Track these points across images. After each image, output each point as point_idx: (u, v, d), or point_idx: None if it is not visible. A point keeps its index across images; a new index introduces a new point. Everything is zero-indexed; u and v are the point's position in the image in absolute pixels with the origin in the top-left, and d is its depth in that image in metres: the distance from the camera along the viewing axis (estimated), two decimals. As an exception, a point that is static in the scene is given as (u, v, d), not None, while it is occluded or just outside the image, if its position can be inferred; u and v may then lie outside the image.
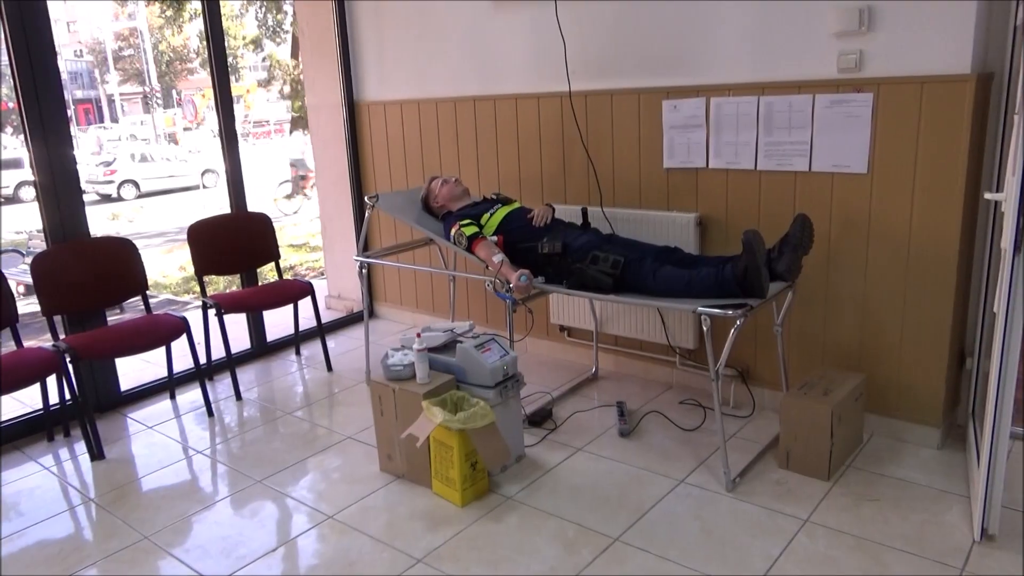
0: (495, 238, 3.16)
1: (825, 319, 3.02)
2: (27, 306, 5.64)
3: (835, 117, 2.81)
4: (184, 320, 3.39)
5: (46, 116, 3.28)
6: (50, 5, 3.27)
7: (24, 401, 3.67)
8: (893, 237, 2.78)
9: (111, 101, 27.58)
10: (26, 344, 3.20)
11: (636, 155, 3.39)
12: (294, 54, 14.90)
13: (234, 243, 3.95)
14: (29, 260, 5.43)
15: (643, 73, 3.29)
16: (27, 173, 10.46)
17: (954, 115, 2.57)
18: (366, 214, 3.57)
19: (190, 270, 3.85)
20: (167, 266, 9.11)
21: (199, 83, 22.67)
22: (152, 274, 8.53)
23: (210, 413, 3.54)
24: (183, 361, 3.84)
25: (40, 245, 3.24)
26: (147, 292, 3.57)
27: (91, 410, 3.32)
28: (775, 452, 2.83)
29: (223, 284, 7.70)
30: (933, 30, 2.56)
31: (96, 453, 3.16)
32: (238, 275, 4.15)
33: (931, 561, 2.21)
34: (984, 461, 2.22)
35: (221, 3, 3.98)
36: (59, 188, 3.34)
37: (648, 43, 3.24)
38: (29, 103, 3.23)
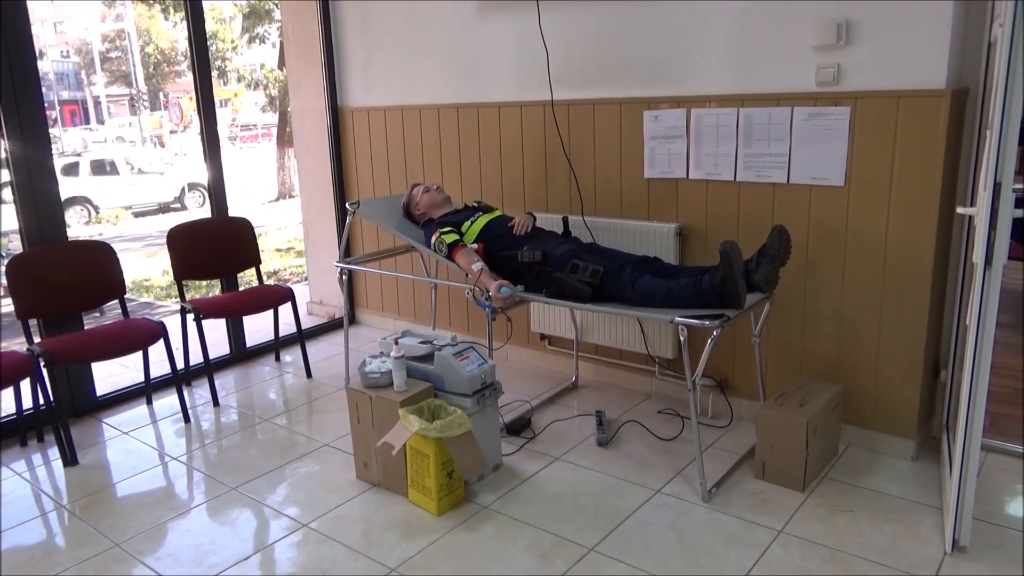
0: (475, 246, 3.15)
1: (802, 330, 3.04)
2: (6, 307, 5.57)
3: (813, 130, 2.83)
4: (162, 325, 3.36)
5: (24, 116, 3.24)
6: (36, 5, 3.25)
7: (-2, 405, 3.63)
8: (869, 249, 2.80)
9: (97, 102, 27.40)
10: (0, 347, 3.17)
11: (617, 165, 3.41)
12: (281, 63, 14.87)
13: (214, 248, 3.92)
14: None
15: (625, 83, 3.31)
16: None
17: (929, 129, 2.59)
18: (348, 220, 3.56)
19: (172, 274, 3.81)
20: (151, 269, 9.04)
21: (186, 86, 22.57)
22: (135, 277, 8.46)
23: (187, 419, 3.51)
24: (160, 366, 3.80)
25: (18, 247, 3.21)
26: (126, 296, 3.54)
27: (66, 415, 3.28)
28: (751, 463, 2.84)
29: (204, 289, 7.65)
30: (909, 45, 2.59)
31: (70, 459, 3.12)
32: (218, 280, 4.13)
33: (903, 573, 2.22)
34: (956, 473, 2.23)
35: (205, 4, 3.97)
36: (36, 189, 3.31)
37: (630, 54, 3.26)
38: (7, 103, 3.20)
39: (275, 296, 3.88)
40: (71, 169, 13.49)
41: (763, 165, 2.98)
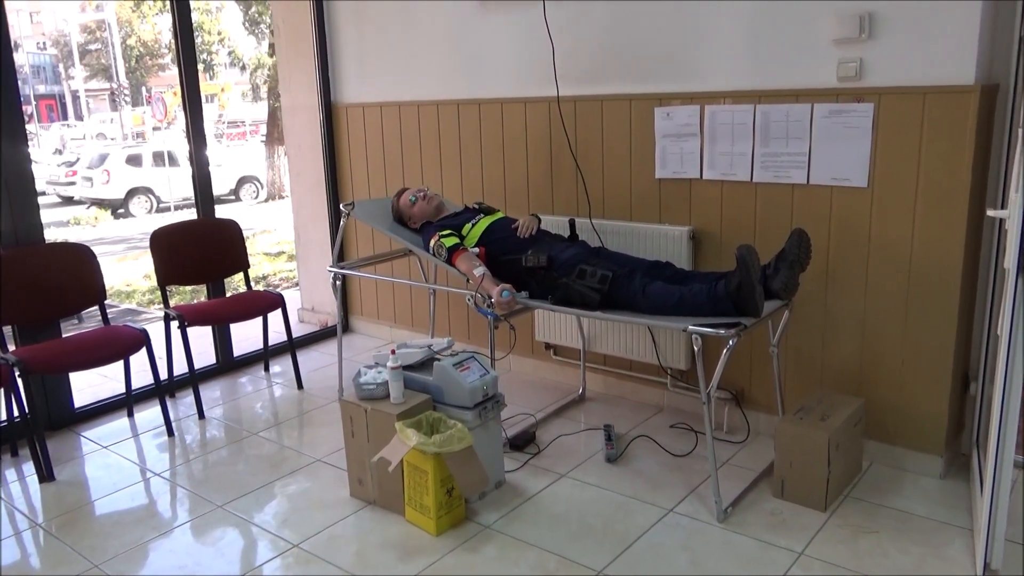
0: (476, 250, 3.16)
1: (823, 340, 3.04)
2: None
3: (834, 128, 2.83)
4: (144, 332, 3.37)
5: None
6: (8, -5, 3.27)
7: (-30, 417, 3.63)
8: (894, 254, 2.81)
9: (76, 97, 27.50)
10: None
11: (627, 165, 3.41)
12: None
13: (200, 251, 3.93)
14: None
15: (635, 79, 3.32)
16: None
17: (957, 127, 2.60)
18: (342, 222, 3.57)
19: (155, 279, 3.82)
20: (133, 274, 9.06)
21: (170, 80, 22.64)
22: (116, 283, 8.47)
23: (170, 433, 3.51)
24: (142, 376, 3.81)
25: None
26: (106, 302, 3.55)
27: (42, 428, 3.28)
28: (770, 480, 2.84)
29: (189, 295, 7.67)
30: (936, 39, 2.59)
31: (45, 474, 3.13)
32: (204, 285, 4.14)
33: (931, 598, 2.21)
34: (987, 492, 2.23)
35: (191, -3, 3.99)
36: (12, 189, 3.33)
37: (640, 47, 3.27)
38: (-18, 100, 3.22)
39: (264, 303, 3.88)
40: (135, 160, 14.53)
41: (781, 165, 2.99)
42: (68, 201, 15.31)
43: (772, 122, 2.98)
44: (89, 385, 4.03)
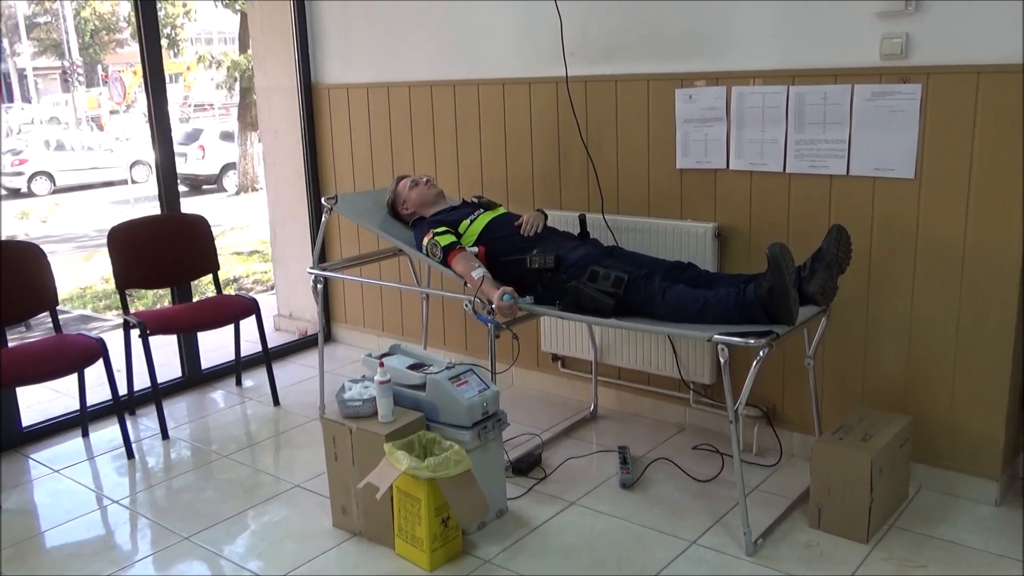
0: (475, 249, 3.17)
1: (865, 350, 3.05)
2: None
3: (877, 112, 2.85)
4: (101, 342, 3.38)
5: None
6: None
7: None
8: (945, 254, 2.82)
9: (23, 77, 27.53)
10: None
11: (644, 153, 3.43)
12: (243, 46, 14.95)
13: (164, 250, 3.95)
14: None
15: (653, 56, 3.33)
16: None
17: (1016, 110, 2.61)
18: (323, 218, 3.58)
19: (113, 281, 3.84)
20: (88, 275, 9.08)
21: (129, 58, 22.68)
22: (69, 285, 8.50)
23: (130, 455, 3.53)
24: (99, 391, 3.82)
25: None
26: (58, 307, 3.56)
27: (-14, 450, 3.30)
28: (805, 508, 2.84)
29: (151, 299, 7.68)
30: (991, 12, 2.60)
31: (-9, 502, 3.14)
32: (168, 289, 4.15)
33: (987, 641, 2.22)
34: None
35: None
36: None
37: (660, 21, 3.28)
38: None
39: (236, 308, 3.89)
40: (227, 136, 15.89)
41: (818, 153, 3.00)
42: (15, 194, 15.36)
43: (807, 105, 2.99)
44: (39, 401, 4.04)
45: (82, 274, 9.17)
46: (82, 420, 3.78)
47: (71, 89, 24.21)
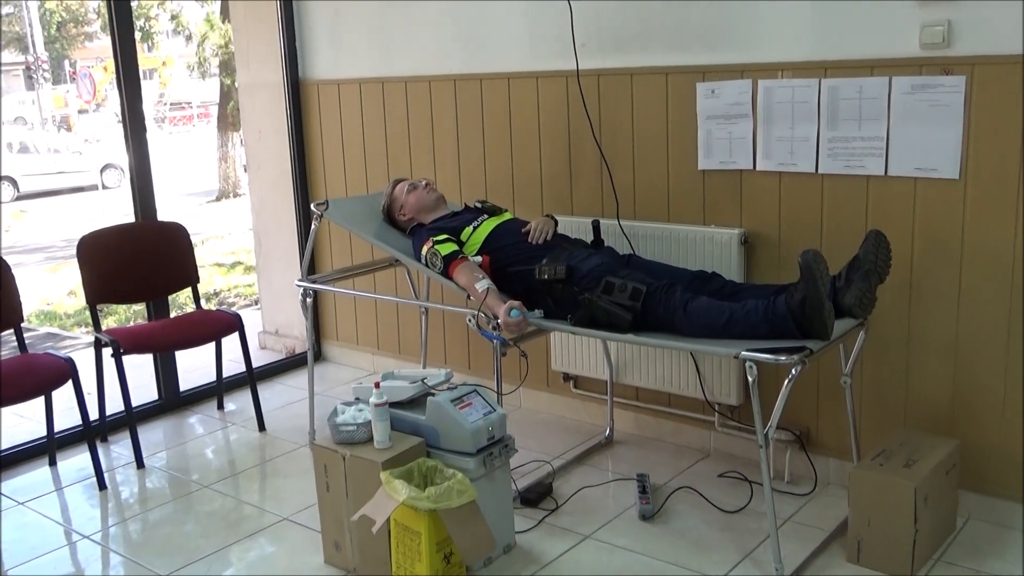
0: (479, 259, 3.18)
1: (907, 368, 3.04)
2: None
3: (918, 106, 2.85)
4: (70, 362, 3.39)
5: None
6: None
7: None
8: (993, 262, 2.82)
9: (-16, 74, 27.67)
10: None
11: (663, 153, 3.44)
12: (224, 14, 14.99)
13: (139, 262, 3.96)
14: None
15: (672, 47, 3.34)
16: None
17: (1070, 106, 2.62)
18: (313, 226, 3.60)
19: (83, 296, 3.85)
20: (55, 289, 9.10)
21: (99, 52, 22.79)
22: (35, 300, 8.51)
23: (102, 485, 3.53)
24: (68, 416, 3.83)
25: None
26: (22, 325, 3.58)
27: (-54, 480, 3.30)
28: (842, 542, 2.84)
29: (124, 315, 7.71)
30: (1042, -3, 2.61)
31: (-49, 537, 3.15)
32: (143, 304, 4.16)
33: None
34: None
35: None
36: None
37: (679, 9, 3.30)
38: None
39: (218, 325, 3.90)
40: None
41: (853, 152, 3.01)
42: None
43: (841, 100, 2.99)
44: (3, 427, 4.04)
45: (49, 287, 9.19)
46: (49, 447, 3.79)
47: (36, 87, 24.31)
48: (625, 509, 3.15)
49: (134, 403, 3.80)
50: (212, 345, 4.08)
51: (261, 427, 4.02)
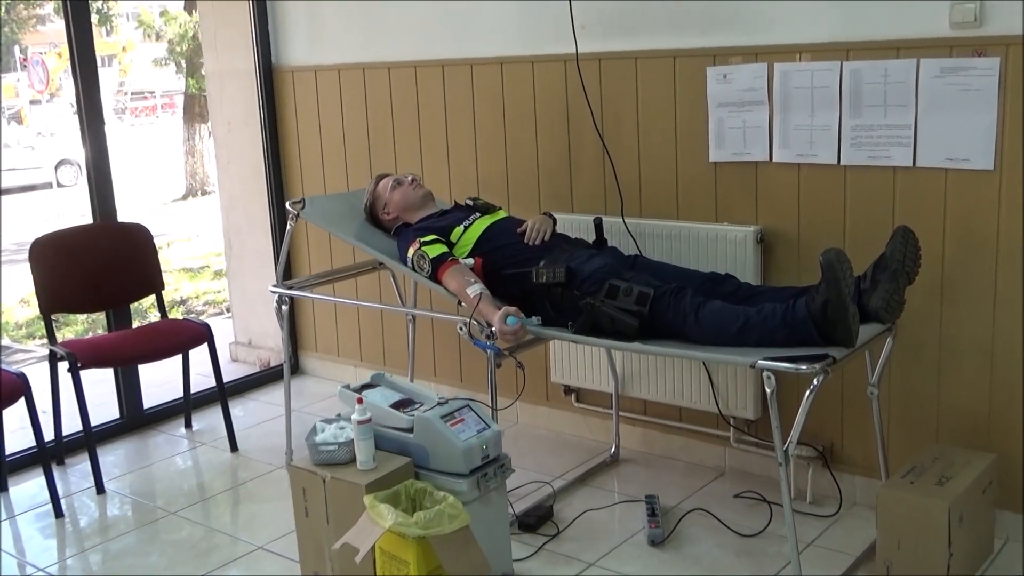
0: (471, 261, 3.18)
1: (939, 376, 3.05)
2: None
3: (948, 91, 2.86)
4: (22, 377, 3.39)
5: None
6: None
7: None
8: (1033, 260, 2.83)
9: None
10: None
11: (671, 144, 3.44)
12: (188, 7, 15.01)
13: (98, 267, 3.95)
14: None
15: (680, 28, 3.35)
16: None
17: (1114, 89, 2.63)
18: (288, 226, 3.60)
19: (36, 304, 3.85)
20: (5, 298, 9.09)
21: (52, 37, 22.77)
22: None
23: (58, 513, 3.52)
24: (20, 437, 3.83)
25: None
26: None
27: None
28: (871, 566, 2.84)
29: (82, 326, 7.70)
30: (1082, -29, 2.63)
31: None
32: (103, 313, 4.16)
33: None
34: None
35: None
36: None
37: (686, -13, 3.31)
38: None
39: (185, 336, 3.90)
40: None
41: (878, 142, 3.02)
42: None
43: (865, 84, 3.01)
44: (-51, 450, 4.04)
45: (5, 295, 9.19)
46: (0, 472, 3.78)
47: (-17, 75, 24.28)
48: (633, 534, 3.16)
49: (93, 422, 3.80)
50: (179, 358, 4.08)
51: (233, 447, 4.02)
